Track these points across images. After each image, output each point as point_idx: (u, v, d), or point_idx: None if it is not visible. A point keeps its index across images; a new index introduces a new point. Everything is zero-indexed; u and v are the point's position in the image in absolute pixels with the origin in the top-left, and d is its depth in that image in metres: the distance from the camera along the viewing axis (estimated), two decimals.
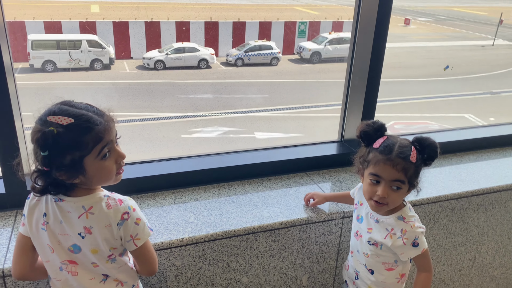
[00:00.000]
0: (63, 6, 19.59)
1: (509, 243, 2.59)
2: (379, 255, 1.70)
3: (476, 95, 15.18)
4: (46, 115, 1.21)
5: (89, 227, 1.31)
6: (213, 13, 19.42)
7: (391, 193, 1.57)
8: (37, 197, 1.35)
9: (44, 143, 1.18)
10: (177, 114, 12.17)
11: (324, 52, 16.52)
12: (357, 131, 1.67)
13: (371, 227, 1.71)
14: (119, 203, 1.33)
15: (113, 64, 15.07)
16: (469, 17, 27.20)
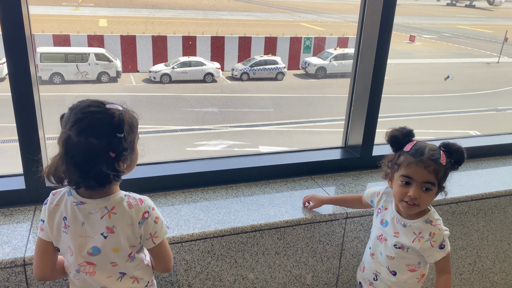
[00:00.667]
0: (72, 20, 19.98)
1: (508, 249, 2.65)
2: (404, 257, 1.76)
3: (482, 111, 15.23)
4: (100, 105, 1.29)
5: (111, 227, 1.36)
6: (220, 28, 19.72)
7: (422, 194, 1.63)
8: (55, 202, 1.40)
9: (120, 125, 1.27)
10: (182, 127, 12.30)
11: (329, 68, 16.71)
12: (387, 136, 1.74)
13: (397, 231, 1.76)
14: (140, 203, 1.40)
15: (120, 77, 15.30)
16: (474, 34, 27.42)
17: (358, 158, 2.53)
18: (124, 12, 22.52)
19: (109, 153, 1.28)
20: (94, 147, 1.25)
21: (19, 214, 1.95)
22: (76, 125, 1.26)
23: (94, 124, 1.26)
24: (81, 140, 1.25)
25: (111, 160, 1.30)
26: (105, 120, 1.27)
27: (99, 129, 1.26)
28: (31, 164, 1.96)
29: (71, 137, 1.26)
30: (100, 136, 1.26)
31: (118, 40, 16.29)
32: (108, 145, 1.27)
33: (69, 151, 1.26)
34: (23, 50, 1.80)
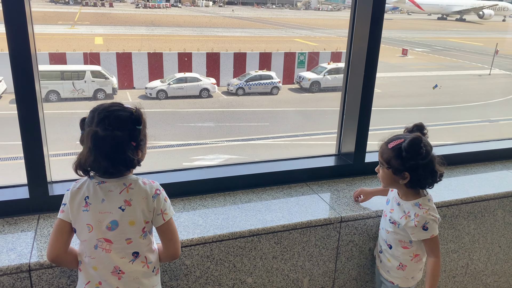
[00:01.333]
0: (68, 38, 20.17)
1: (499, 251, 2.72)
2: (397, 233, 2.01)
3: (475, 123, 15.41)
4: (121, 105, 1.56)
5: (129, 200, 1.55)
6: (215, 45, 19.97)
7: (380, 169, 1.98)
8: (77, 186, 1.59)
9: (139, 118, 1.54)
10: (179, 142, 12.38)
11: (323, 82, 16.93)
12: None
13: (393, 208, 2.04)
14: (152, 182, 1.63)
15: (116, 94, 15.41)
16: (465, 47, 27.87)
17: (351, 164, 2.62)
18: (120, 30, 22.77)
19: (131, 142, 1.53)
20: (119, 138, 1.50)
21: (23, 222, 2.00)
22: (102, 122, 1.50)
23: (117, 119, 1.51)
24: (108, 133, 1.48)
25: (133, 148, 1.54)
26: (126, 115, 1.53)
27: (122, 123, 1.51)
28: (35, 174, 2.03)
29: (98, 132, 1.48)
30: (123, 129, 1.51)
31: (114, 57, 16.47)
32: (130, 136, 1.53)
33: (98, 144, 1.48)
34: (29, 68, 1.88)
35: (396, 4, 35.86)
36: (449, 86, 20.02)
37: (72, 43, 18.66)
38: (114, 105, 1.56)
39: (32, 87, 1.92)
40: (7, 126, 12.15)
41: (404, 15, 37.72)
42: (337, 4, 34.37)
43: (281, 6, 35.03)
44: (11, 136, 10.91)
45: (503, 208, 2.61)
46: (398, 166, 1.88)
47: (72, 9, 26.35)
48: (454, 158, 2.92)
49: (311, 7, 35.18)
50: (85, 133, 1.51)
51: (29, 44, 1.87)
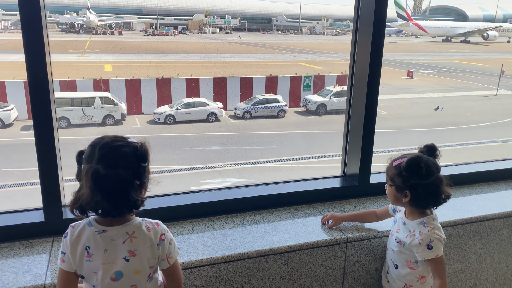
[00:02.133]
0: (78, 66, 20.66)
1: (507, 271, 2.72)
2: (402, 252, 2.02)
3: (484, 143, 15.36)
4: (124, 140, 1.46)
5: (133, 250, 1.47)
6: (222, 70, 20.33)
7: (387, 187, 2.02)
8: (75, 234, 1.49)
9: (145, 155, 1.45)
10: (187, 166, 12.48)
11: (329, 104, 17.10)
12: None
13: (399, 228, 2.07)
14: (156, 226, 1.53)
15: (125, 120, 15.68)
16: (471, 68, 28.04)
17: (356, 186, 2.67)
18: (129, 57, 23.30)
19: (135, 181, 1.43)
20: (123, 177, 1.40)
21: (38, 245, 2.07)
22: (104, 159, 1.39)
23: (121, 156, 1.41)
24: (110, 172, 1.38)
25: (137, 188, 1.45)
26: (131, 152, 1.43)
27: (126, 160, 1.42)
28: (50, 198, 2.11)
29: (99, 171, 1.38)
30: (127, 167, 1.41)
31: (123, 84, 16.81)
32: (134, 174, 1.43)
33: (99, 184, 1.38)
34: (46, 95, 1.99)
35: (400, 28, 36.34)
36: (456, 107, 20.06)
37: (82, 70, 19.14)
38: (117, 139, 1.45)
39: (49, 114, 2.02)
40: (19, 152, 12.37)
41: (409, 38, 38.13)
42: (341, 29, 34.92)
43: (287, 31, 35.64)
44: (22, 163, 11.11)
45: (508, 228, 2.63)
46: (400, 184, 1.93)
47: (82, 38, 27.09)
48: (459, 178, 2.96)
49: (316, 32, 35.77)
50: (84, 170, 1.40)
51: (47, 72, 1.98)
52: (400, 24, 35.39)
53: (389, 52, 29.82)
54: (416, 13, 47.92)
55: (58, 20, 28.88)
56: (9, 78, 15.38)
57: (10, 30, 28.25)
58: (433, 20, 42.31)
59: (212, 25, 32.05)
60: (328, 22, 36.16)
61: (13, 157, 11.89)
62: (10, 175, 10.77)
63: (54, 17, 28.80)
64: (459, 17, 45.80)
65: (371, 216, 2.34)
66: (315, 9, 36.74)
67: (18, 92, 14.18)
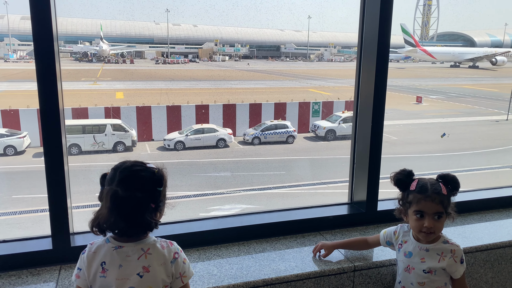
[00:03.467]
0: (90, 93, 21.06)
1: None
2: (434, 281, 1.96)
3: (495, 169, 15.16)
4: (143, 165, 1.55)
5: (147, 266, 1.53)
6: (231, 96, 20.56)
7: (435, 223, 1.90)
8: (93, 250, 1.57)
9: (161, 179, 1.55)
10: (196, 193, 12.47)
11: (338, 130, 17.12)
12: (392, 180, 2.01)
13: (423, 257, 1.98)
14: (170, 245, 1.61)
15: (135, 146, 15.84)
16: (480, 93, 28.00)
17: (363, 213, 2.65)
18: (140, 85, 23.71)
19: (150, 204, 1.52)
20: (139, 199, 1.49)
21: (46, 273, 2.08)
22: (123, 181, 1.50)
23: (139, 180, 1.51)
24: (127, 194, 1.48)
25: (152, 210, 1.54)
26: (148, 176, 1.53)
27: (144, 184, 1.51)
28: (58, 226, 2.14)
29: (118, 192, 1.48)
30: (144, 190, 1.50)
31: (134, 111, 17.06)
32: (150, 197, 1.52)
33: (117, 205, 1.47)
34: (57, 123, 2.04)
35: (408, 54, 36.63)
36: (466, 132, 19.94)
37: (94, 98, 19.50)
38: (137, 164, 1.56)
39: (59, 142, 2.06)
40: (30, 179, 12.50)
41: (417, 64, 38.36)
42: (349, 55, 35.29)
43: (295, 58, 36.12)
44: (33, 190, 11.21)
45: None
46: (447, 209, 1.92)
47: (95, 66, 27.72)
48: (468, 205, 2.93)
49: (324, 59, 36.18)
50: (105, 192, 1.50)
51: (58, 100, 2.04)
52: (408, 50, 35.70)
53: (398, 77, 30.00)
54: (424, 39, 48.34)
55: (72, 49, 29.67)
56: (23, 106, 15.71)
57: (25, 59, 29.04)
58: (441, 46, 42.62)
59: (221, 53, 32.65)
60: (336, 49, 36.64)
61: (23, 184, 12.02)
62: (21, 202, 10.86)
63: (68, 47, 29.60)
64: (467, 42, 46.12)
65: (362, 244, 2.29)
66: (323, 36, 37.32)
67: (31, 119, 14.46)
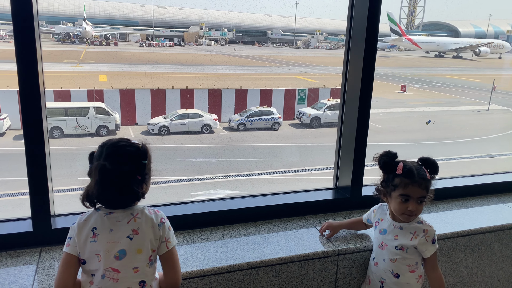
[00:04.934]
0: (73, 76, 20.64)
1: (498, 285, 2.72)
2: (405, 258, 2.03)
3: (476, 157, 15.45)
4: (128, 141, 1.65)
5: (136, 229, 1.62)
6: (217, 82, 20.38)
7: (418, 206, 1.97)
8: (84, 219, 1.65)
9: (145, 153, 1.65)
10: (180, 178, 12.41)
11: (323, 117, 17.16)
12: (377, 162, 2.04)
13: (396, 234, 2.05)
14: (157, 212, 1.71)
15: (119, 130, 15.61)
16: (463, 84, 28.35)
17: (348, 198, 2.67)
18: (124, 68, 23.30)
19: (137, 176, 1.62)
20: (126, 172, 1.59)
21: (26, 255, 2.04)
22: (110, 156, 1.59)
23: (125, 154, 1.61)
24: (115, 167, 1.58)
25: (138, 182, 1.63)
26: (133, 150, 1.63)
27: (129, 157, 1.61)
28: (39, 208, 2.09)
29: (106, 166, 1.57)
30: (130, 163, 1.61)
31: (118, 94, 16.78)
32: (136, 170, 1.62)
33: (105, 177, 1.57)
34: (37, 105, 1.98)
35: (394, 42, 36.75)
36: (448, 121, 20.22)
37: (77, 80, 19.09)
38: (122, 140, 1.66)
39: (40, 124, 2.01)
40: (10, 162, 12.24)
41: (402, 53, 38.57)
42: (336, 43, 35.25)
43: (282, 44, 35.92)
44: (13, 172, 11.00)
45: (499, 241, 2.63)
46: (429, 192, 1.98)
47: (77, 48, 27.09)
48: (450, 191, 2.97)
49: (311, 46, 36.07)
50: (93, 167, 1.59)
51: (39, 82, 1.98)
52: (394, 39, 35.78)
53: (383, 66, 30.11)
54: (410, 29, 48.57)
55: (53, 30, 28.89)
56: (2, 87, 15.31)
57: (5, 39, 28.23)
58: (426, 35, 42.88)
59: (207, 37, 32.23)
60: (323, 36, 36.52)
61: (4, 167, 11.77)
62: (1, 185, 10.66)
63: (50, 27, 28.82)
64: (452, 33, 46.45)
65: (360, 224, 2.36)
66: (310, 23, 37.12)
67: (11, 101, 14.09)
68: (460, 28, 47.30)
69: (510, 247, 2.68)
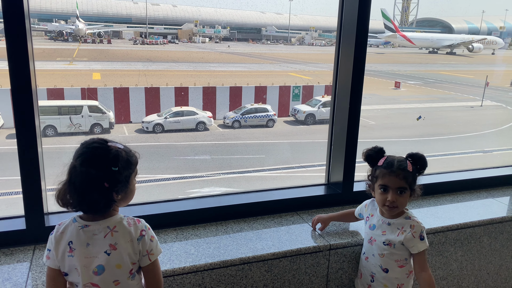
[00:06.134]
0: (67, 74, 20.52)
1: (488, 278, 2.76)
2: (393, 253, 2.03)
3: (469, 153, 15.56)
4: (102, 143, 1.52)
5: (114, 244, 1.53)
6: (211, 79, 20.36)
7: (398, 198, 1.97)
8: (60, 230, 1.56)
9: (116, 159, 1.50)
10: (175, 176, 12.39)
11: (318, 114, 17.20)
12: (363, 155, 2.10)
13: (384, 230, 2.07)
14: (137, 222, 1.61)
15: (113, 128, 15.55)
16: (456, 80, 28.50)
17: (340, 193, 2.70)
18: (118, 66, 23.20)
19: (104, 183, 1.49)
20: (92, 176, 1.48)
21: (19, 253, 2.05)
22: (81, 157, 1.50)
23: (93, 157, 1.50)
24: (82, 169, 1.48)
25: (105, 190, 1.51)
26: (103, 154, 1.50)
27: (97, 162, 1.49)
28: (32, 206, 2.10)
29: (76, 167, 1.50)
30: (97, 168, 1.49)
31: (112, 92, 16.71)
32: (104, 177, 1.49)
33: (72, 178, 1.50)
34: (29, 103, 1.98)
35: (388, 39, 36.83)
36: (442, 117, 20.33)
37: (70, 78, 18.99)
38: (96, 141, 1.54)
39: (32, 123, 2.02)
40: (3, 161, 12.17)
41: (396, 49, 38.67)
42: (330, 40, 35.27)
43: (276, 41, 35.91)
44: (6, 172, 10.93)
45: (488, 235, 2.67)
46: (413, 186, 1.99)
47: (70, 46, 26.94)
48: (441, 186, 3.01)
49: (305, 43, 36.09)
50: (68, 165, 1.52)
51: (31, 80, 1.98)
52: (388, 35, 35.88)
53: (377, 63, 30.20)
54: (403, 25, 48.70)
55: (46, 28, 28.69)
56: None
57: None
58: (420, 32, 43.02)
59: (201, 34, 32.15)
60: (317, 33, 36.54)
61: None
62: None
63: (42, 25, 28.61)
64: (445, 29, 46.63)
65: (351, 216, 2.38)
66: (304, 20, 37.11)
67: (4, 100, 14.01)
68: (454, 25, 47.48)
69: (499, 240, 2.73)
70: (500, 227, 2.70)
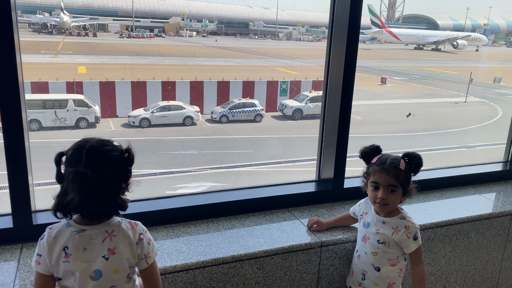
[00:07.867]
0: (51, 67, 20.18)
1: (475, 273, 2.81)
2: (386, 252, 2.05)
3: (453, 149, 15.78)
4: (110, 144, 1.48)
5: (112, 248, 1.49)
6: (198, 74, 20.23)
7: (389, 196, 1.98)
8: (53, 235, 1.49)
9: (131, 159, 1.50)
10: (162, 171, 12.31)
11: (305, 109, 17.25)
12: (359, 152, 2.11)
13: (378, 228, 2.07)
14: (135, 226, 1.58)
15: (99, 123, 15.36)
16: (441, 76, 28.84)
17: (330, 190, 2.70)
18: (104, 59, 22.90)
19: (121, 184, 1.50)
20: (112, 181, 1.45)
21: (6, 252, 2.01)
22: (93, 163, 1.41)
23: (110, 161, 1.45)
24: (100, 176, 1.41)
25: (123, 190, 1.53)
26: (119, 156, 1.48)
27: (115, 164, 1.46)
28: (19, 203, 2.05)
29: (88, 175, 1.40)
30: (116, 171, 1.46)
31: (98, 86, 16.49)
32: (122, 177, 1.50)
33: (88, 188, 1.41)
34: (16, 97, 1.93)
35: (374, 35, 37.06)
36: (427, 113, 20.56)
37: (55, 72, 18.67)
38: (106, 144, 1.47)
39: (19, 116, 1.97)
40: None
41: (382, 45, 38.93)
42: (317, 35, 35.34)
43: (263, 36, 35.83)
44: None
45: (476, 231, 2.71)
46: (405, 185, 1.99)
47: (55, 39, 26.46)
48: (430, 183, 3.04)
49: (293, 38, 36.08)
50: (71, 175, 1.40)
51: (17, 73, 1.93)
52: (374, 31, 36.06)
53: (364, 58, 30.37)
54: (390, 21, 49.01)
55: (30, 20, 28.12)
56: None
57: None
58: (406, 28, 43.34)
59: (189, 28, 31.88)
60: (304, 28, 36.54)
61: None
62: None
63: (26, 17, 28.04)
64: (431, 25, 47.06)
65: (349, 219, 2.38)
66: (292, 15, 37.08)
67: None
68: (439, 21, 47.97)
69: (486, 236, 2.77)
70: (487, 223, 2.74)
